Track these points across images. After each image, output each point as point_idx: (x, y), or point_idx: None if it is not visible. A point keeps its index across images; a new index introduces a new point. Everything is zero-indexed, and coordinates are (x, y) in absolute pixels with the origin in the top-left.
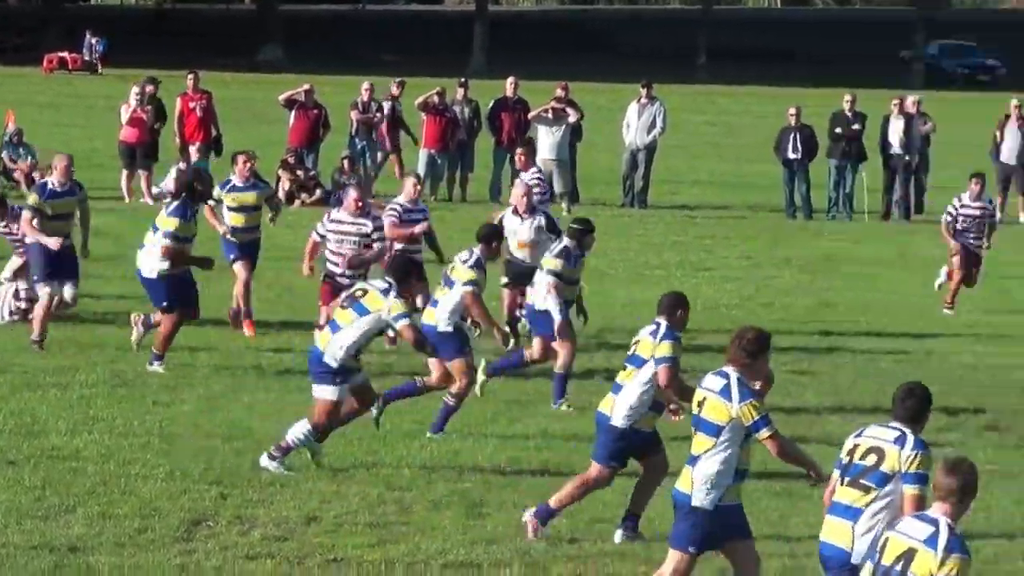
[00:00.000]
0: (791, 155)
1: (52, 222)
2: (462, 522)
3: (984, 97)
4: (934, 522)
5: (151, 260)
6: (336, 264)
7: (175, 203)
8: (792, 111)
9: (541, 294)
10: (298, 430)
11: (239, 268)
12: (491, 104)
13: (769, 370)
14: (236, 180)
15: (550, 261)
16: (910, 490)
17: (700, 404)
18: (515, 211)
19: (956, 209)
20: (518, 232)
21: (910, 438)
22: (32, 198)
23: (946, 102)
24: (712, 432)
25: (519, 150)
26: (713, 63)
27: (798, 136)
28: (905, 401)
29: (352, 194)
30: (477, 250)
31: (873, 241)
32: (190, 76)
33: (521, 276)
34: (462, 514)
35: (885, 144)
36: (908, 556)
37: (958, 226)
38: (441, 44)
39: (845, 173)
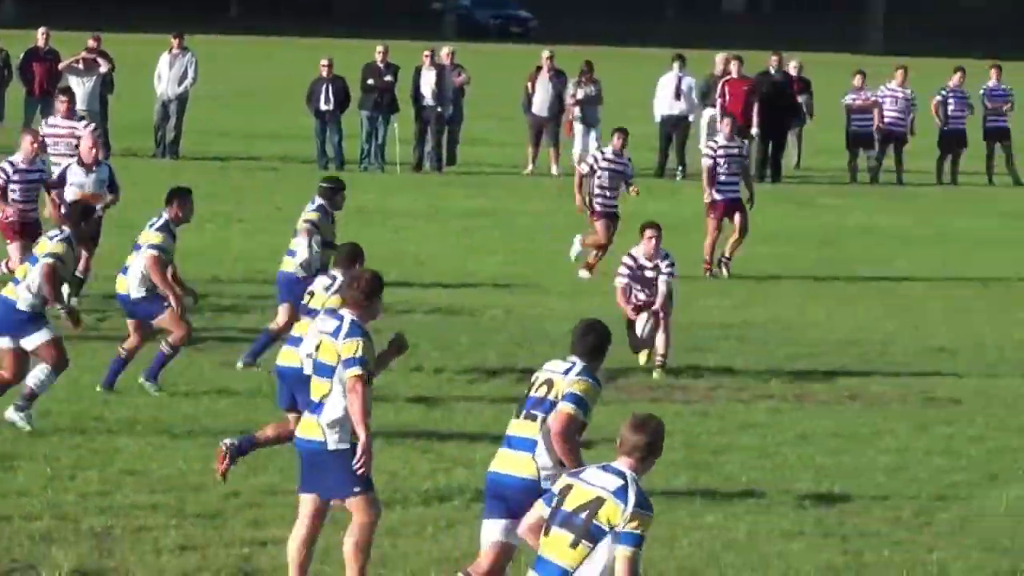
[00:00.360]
0: (323, 106)
1: None
2: None
3: (517, 49)
4: (622, 475)
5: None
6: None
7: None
8: (324, 62)
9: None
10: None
11: None
12: (22, 55)
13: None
14: None
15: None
16: (564, 407)
17: (316, 348)
18: (80, 162)
19: (596, 162)
20: (85, 185)
21: (579, 366)
22: None
23: (480, 53)
24: (327, 374)
25: (61, 98)
26: (248, 13)
27: (330, 87)
28: (586, 336)
29: None
30: (165, 213)
31: (405, 193)
32: None
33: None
34: None
35: (417, 96)
36: (595, 505)
37: (598, 180)
38: None
39: (377, 124)
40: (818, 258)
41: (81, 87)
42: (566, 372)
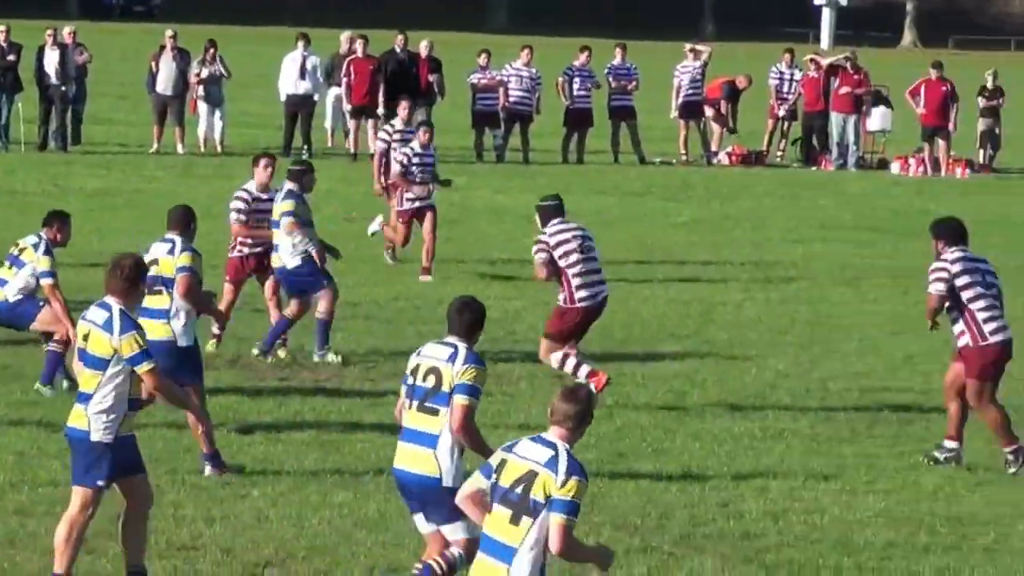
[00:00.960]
0: None
1: None
2: None
3: (140, 28)
4: (552, 445)
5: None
6: None
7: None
8: None
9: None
10: None
11: None
12: None
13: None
14: None
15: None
16: (461, 400)
17: (85, 338)
18: None
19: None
20: None
21: (462, 352)
22: None
23: (104, 32)
24: (99, 367)
25: None
26: None
27: None
28: (462, 314)
29: None
30: (45, 234)
31: (30, 172)
32: None
33: None
34: None
35: (41, 75)
36: (528, 478)
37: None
38: None
39: (2, 103)
40: (447, 237)
41: None
42: (451, 359)
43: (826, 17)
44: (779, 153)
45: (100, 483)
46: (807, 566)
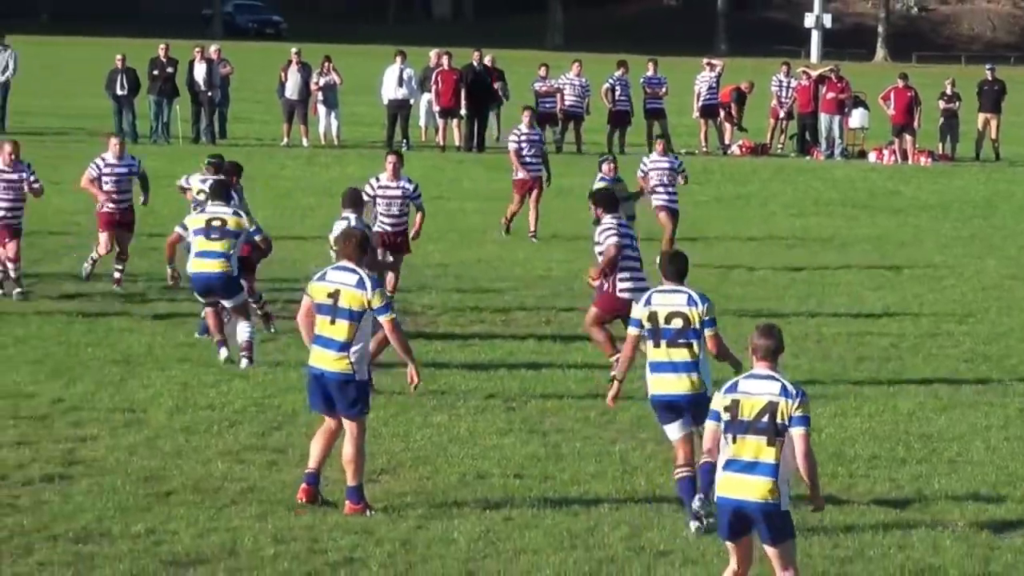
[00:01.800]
0: (119, 92)
1: None
2: None
3: (271, 46)
4: (773, 378)
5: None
6: None
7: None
8: (119, 57)
9: None
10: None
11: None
12: None
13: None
14: None
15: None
16: (711, 331)
17: (331, 295)
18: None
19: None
20: None
21: (695, 294)
22: None
23: (242, 50)
24: (354, 318)
25: None
26: (54, 20)
27: (124, 77)
28: (674, 261)
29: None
30: None
31: (187, 161)
32: None
33: None
34: None
35: (192, 83)
36: (771, 408)
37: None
38: None
39: (163, 106)
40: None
41: None
42: (690, 303)
43: (815, 37)
44: (780, 146)
45: (367, 412)
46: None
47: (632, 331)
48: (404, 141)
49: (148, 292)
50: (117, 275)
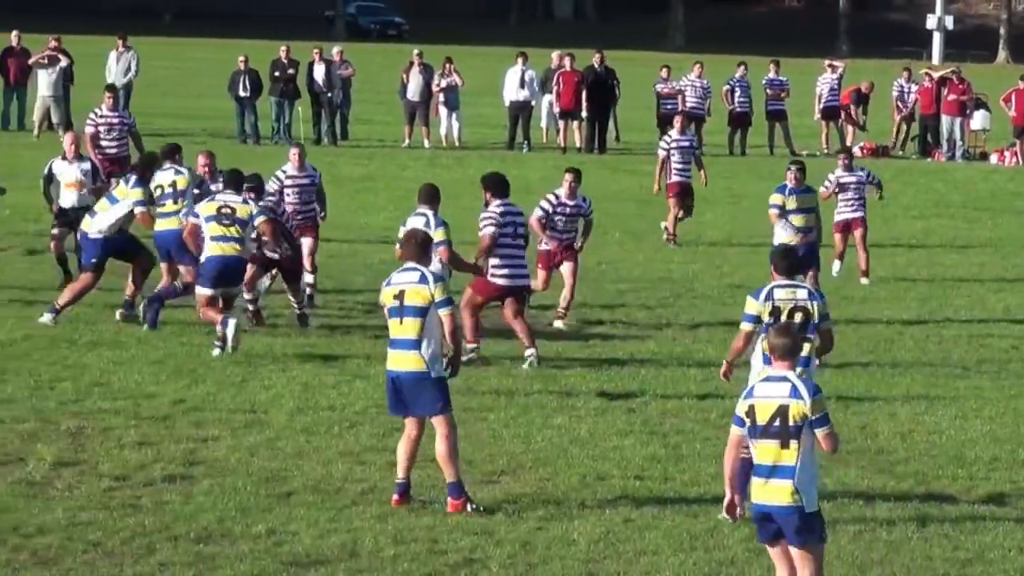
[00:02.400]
0: (241, 93)
1: None
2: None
3: (393, 48)
4: (786, 379)
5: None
6: None
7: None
8: (241, 58)
9: None
10: None
11: None
12: (0, 51)
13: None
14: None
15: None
16: (826, 325)
17: (397, 296)
18: (63, 157)
19: (668, 144)
20: (65, 174)
21: (814, 290)
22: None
23: (365, 52)
24: (420, 314)
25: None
26: (177, 21)
27: (246, 78)
28: (787, 257)
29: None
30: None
31: (312, 162)
32: None
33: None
34: None
35: (311, 84)
36: (783, 411)
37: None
38: None
39: (284, 108)
40: (636, 214)
41: (47, 78)
42: (811, 297)
43: (936, 39)
44: (901, 148)
45: (450, 408)
46: (929, 476)
47: (747, 326)
48: (525, 142)
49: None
50: (309, 290)
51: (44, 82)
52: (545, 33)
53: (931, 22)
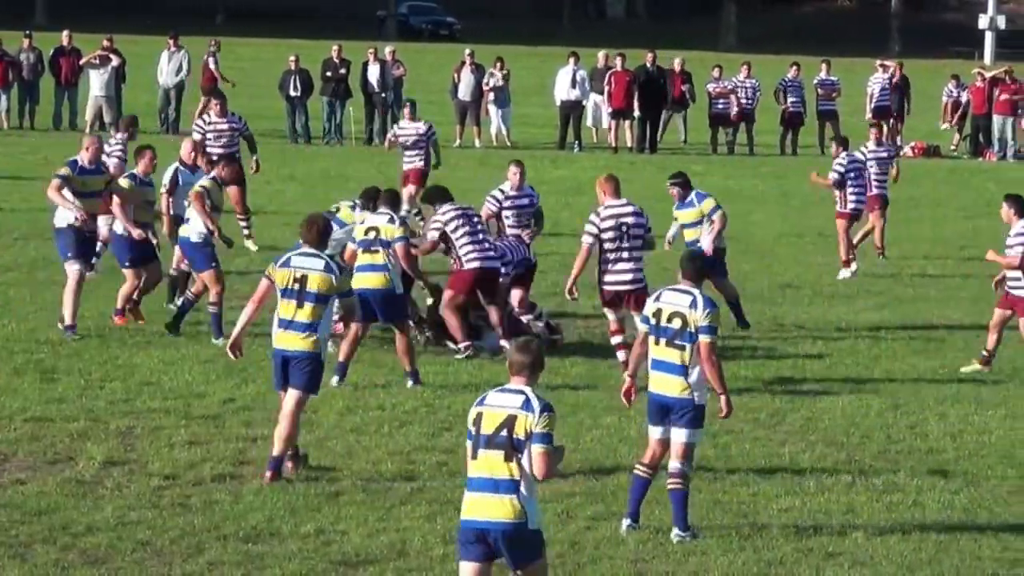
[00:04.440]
0: (292, 93)
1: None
2: (38, 385)
3: (445, 47)
4: (522, 392)
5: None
6: None
7: None
8: (292, 58)
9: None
10: None
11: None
12: (52, 52)
13: None
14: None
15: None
16: (705, 338)
17: (299, 280)
18: (183, 163)
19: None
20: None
21: (700, 298)
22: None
23: (415, 51)
24: (322, 301)
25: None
26: (230, 20)
27: (297, 78)
28: (693, 262)
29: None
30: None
31: (360, 162)
32: None
33: None
34: (37, 379)
35: (366, 84)
36: (509, 422)
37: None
38: (4, 2)
39: (335, 107)
40: None
41: (99, 78)
42: (692, 305)
43: (988, 39)
44: (952, 147)
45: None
46: (978, 476)
47: (640, 327)
48: (576, 142)
49: None
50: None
51: (96, 82)
52: (597, 33)
53: (983, 22)
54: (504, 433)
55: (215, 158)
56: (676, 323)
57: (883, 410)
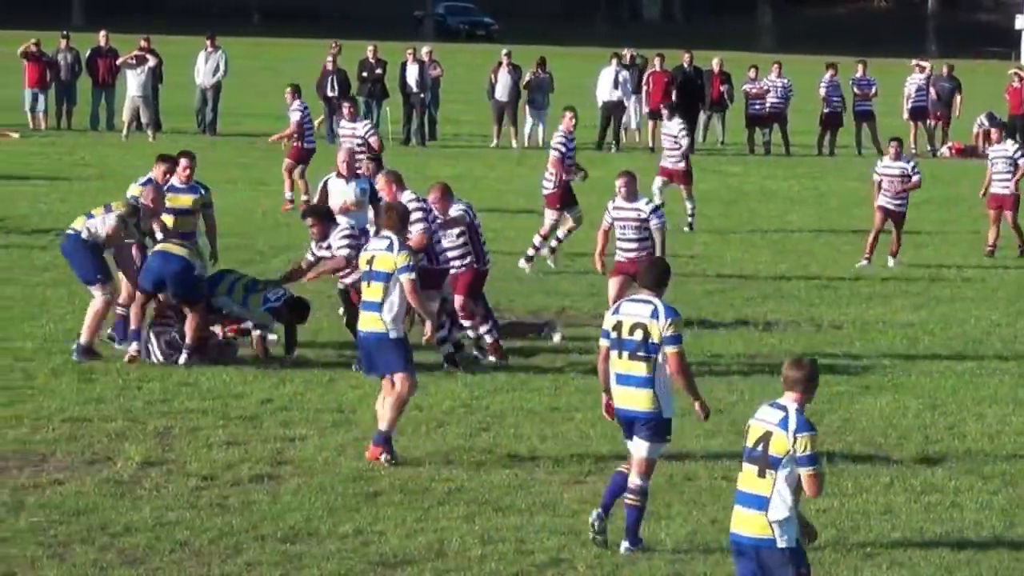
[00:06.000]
0: (329, 93)
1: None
2: (76, 385)
3: (481, 48)
4: (784, 408)
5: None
6: None
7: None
8: (330, 57)
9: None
10: None
11: None
12: (89, 52)
13: None
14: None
15: None
16: (673, 349)
17: (370, 262)
18: (339, 174)
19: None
20: (344, 193)
21: (662, 307)
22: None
23: (452, 51)
24: (384, 279)
25: (347, 104)
26: (266, 21)
27: (334, 78)
28: (650, 271)
29: None
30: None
31: (397, 162)
32: None
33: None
34: (76, 379)
35: (404, 84)
36: (766, 438)
37: None
38: (41, 2)
39: (372, 107)
40: (722, 213)
41: (136, 78)
42: (654, 315)
43: None
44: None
45: (412, 366)
46: (1017, 476)
47: (602, 342)
48: (615, 143)
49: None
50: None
51: (133, 82)
52: (633, 34)
53: (1020, 22)
54: (760, 448)
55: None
56: (638, 335)
57: (921, 410)
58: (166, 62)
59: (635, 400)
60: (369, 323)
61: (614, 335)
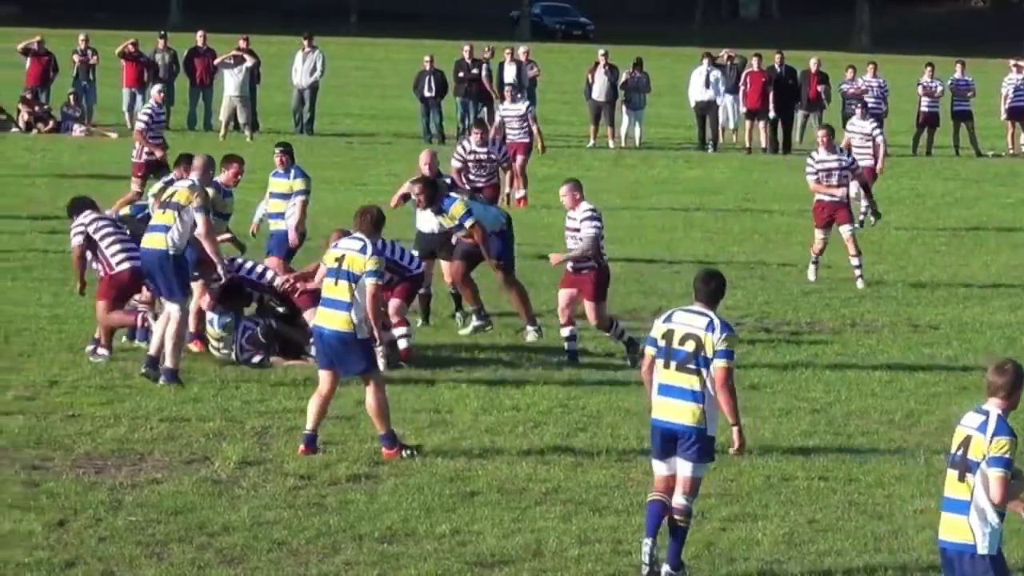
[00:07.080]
0: (427, 93)
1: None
2: (174, 384)
3: (578, 48)
4: (986, 412)
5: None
6: None
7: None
8: (427, 58)
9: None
10: None
11: None
12: (186, 52)
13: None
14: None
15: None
16: (721, 363)
17: (339, 260)
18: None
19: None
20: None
21: (716, 321)
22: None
23: (549, 51)
24: (354, 280)
25: (475, 132)
26: (363, 20)
27: (432, 78)
28: (708, 283)
29: None
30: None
31: None
32: None
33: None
34: None
35: (500, 84)
36: (966, 443)
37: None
38: (140, 3)
39: (469, 108)
40: None
41: (234, 78)
42: (709, 328)
43: None
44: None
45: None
46: None
47: (647, 349)
48: (711, 142)
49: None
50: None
51: (231, 82)
52: (731, 33)
53: None
54: (960, 452)
55: (476, 185)
56: (689, 346)
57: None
58: (264, 62)
59: (679, 413)
60: (335, 321)
61: (662, 343)
